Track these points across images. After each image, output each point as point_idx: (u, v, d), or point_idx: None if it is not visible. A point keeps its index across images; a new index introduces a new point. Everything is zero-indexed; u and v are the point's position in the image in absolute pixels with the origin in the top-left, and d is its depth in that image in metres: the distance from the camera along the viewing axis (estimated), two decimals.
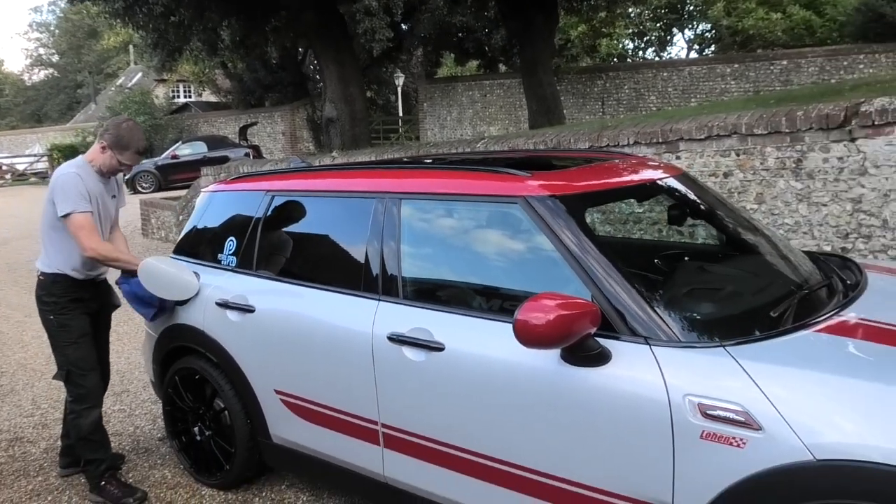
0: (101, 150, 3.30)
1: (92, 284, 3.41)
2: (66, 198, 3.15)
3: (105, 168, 3.33)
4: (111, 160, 3.30)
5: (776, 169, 4.83)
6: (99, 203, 3.32)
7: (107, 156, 3.30)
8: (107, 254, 3.25)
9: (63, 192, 3.16)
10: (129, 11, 11.54)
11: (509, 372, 2.30)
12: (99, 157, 3.32)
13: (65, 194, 3.15)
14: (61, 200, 3.15)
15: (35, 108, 52.18)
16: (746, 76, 16.96)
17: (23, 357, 5.71)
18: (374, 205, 2.83)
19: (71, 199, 3.14)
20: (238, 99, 27.61)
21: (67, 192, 3.15)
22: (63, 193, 3.16)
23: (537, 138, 6.22)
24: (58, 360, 3.36)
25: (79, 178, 3.21)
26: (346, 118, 12.15)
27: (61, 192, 3.16)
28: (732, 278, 2.64)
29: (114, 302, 3.59)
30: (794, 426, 1.81)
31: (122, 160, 3.30)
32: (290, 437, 3.08)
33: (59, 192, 3.16)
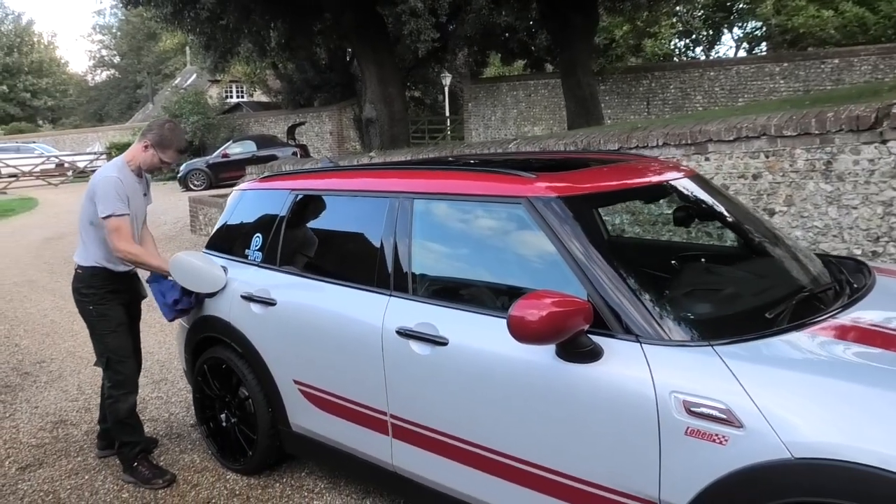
0: (143, 149, 3.51)
1: (126, 276, 3.61)
2: (107, 200, 3.35)
3: (145, 165, 3.54)
4: (153, 158, 3.50)
5: (805, 171, 4.78)
6: (134, 200, 3.51)
7: (149, 154, 3.50)
8: (136, 256, 3.44)
9: (104, 194, 3.36)
10: (178, 16, 11.96)
11: (507, 366, 2.38)
12: (140, 155, 3.52)
13: (106, 196, 3.35)
14: (102, 202, 3.35)
15: (97, 107, 54.12)
16: (796, 75, 16.57)
17: (72, 345, 6.01)
18: (389, 204, 2.94)
19: (111, 201, 3.34)
20: (287, 99, 28.15)
21: (108, 195, 3.35)
22: (104, 196, 3.36)
23: (568, 139, 6.26)
24: (97, 349, 3.57)
25: (119, 181, 3.41)
26: (385, 118, 12.33)
27: (103, 194, 3.37)
28: (734, 279, 2.67)
29: (142, 293, 3.79)
30: (773, 424, 1.85)
31: (163, 158, 3.51)
32: (307, 425, 3.22)
33: (101, 194, 3.37)
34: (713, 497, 1.96)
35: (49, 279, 8.91)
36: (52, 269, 9.56)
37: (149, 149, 3.50)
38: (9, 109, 45.24)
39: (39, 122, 48.08)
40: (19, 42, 46.85)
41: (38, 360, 5.66)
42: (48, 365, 5.52)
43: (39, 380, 5.18)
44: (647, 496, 2.09)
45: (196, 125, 25.73)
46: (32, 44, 48.51)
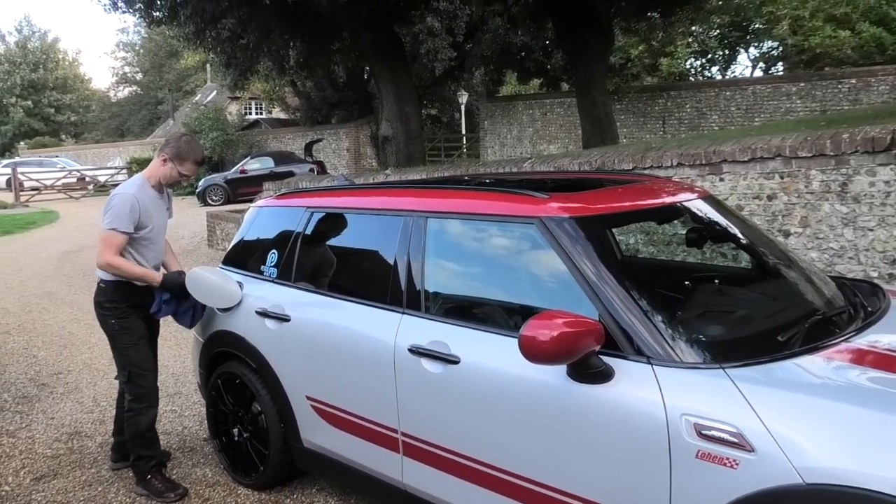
0: (161, 163, 3.57)
1: (147, 291, 3.65)
2: (115, 216, 3.41)
3: (165, 180, 3.59)
4: (171, 171, 3.56)
5: (821, 192, 4.76)
6: (155, 217, 3.56)
7: (167, 167, 3.56)
8: (119, 268, 3.43)
9: (115, 210, 3.42)
10: (200, 35, 12.17)
11: (518, 386, 2.39)
12: (160, 169, 3.58)
13: (115, 213, 3.42)
14: (109, 215, 3.43)
15: (119, 123, 54.90)
16: (813, 95, 16.51)
17: (89, 357, 6.07)
18: (403, 222, 2.97)
19: (119, 218, 3.40)
20: (306, 116, 28.44)
21: (117, 212, 3.41)
22: (116, 211, 3.42)
23: (583, 159, 6.28)
24: (119, 362, 3.60)
25: (136, 200, 3.46)
26: (402, 136, 12.42)
27: (113, 209, 3.43)
28: (747, 301, 2.66)
29: None
30: (785, 449, 1.85)
31: (181, 171, 3.56)
32: (319, 441, 3.23)
33: (111, 209, 3.44)
34: None
35: (68, 292, 9.02)
36: (71, 281, 9.68)
37: (167, 162, 3.56)
38: (33, 124, 45.97)
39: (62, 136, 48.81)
40: (45, 59, 47.70)
41: (55, 371, 5.72)
42: (65, 376, 5.57)
43: (56, 391, 5.23)
44: None
45: (215, 141, 26.04)
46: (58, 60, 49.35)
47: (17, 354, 6.25)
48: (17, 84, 45.50)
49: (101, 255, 3.42)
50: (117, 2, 11.73)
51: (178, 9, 11.13)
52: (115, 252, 3.41)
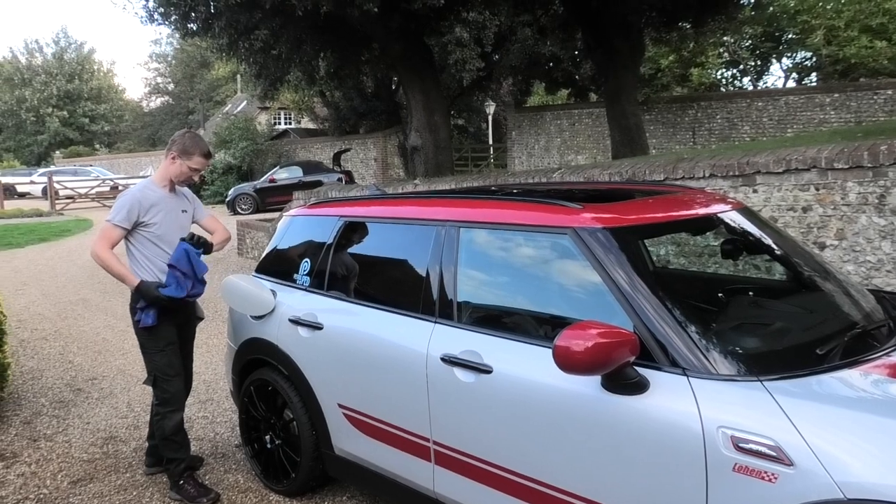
0: (170, 162, 3.66)
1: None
2: (116, 209, 3.56)
3: (176, 177, 3.67)
4: (181, 167, 3.65)
5: (858, 204, 4.69)
6: (164, 217, 3.62)
7: (176, 164, 3.65)
8: (104, 261, 3.50)
9: (118, 204, 3.59)
10: (233, 46, 12.36)
11: (551, 396, 2.39)
12: (170, 168, 3.67)
13: (115, 208, 3.58)
14: (112, 209, 3.58)
15: (150, 132, 55.92)
16: (847, 106, 16.25)
17: (122, 363, 6.17)
18: (436, 232, 2.98)
19: (118, 211, 3.54)
20: (334, 126, 28.69)
21: (120, 206, 3.56)
22: (117, 205, 3.59)
23: (613, 169, 6.25)
24: (146, 366, 3.67)
25: (135, 198, 3.57)
26: (430, 146, 12.47)
27: (117, 204, 3.60)
28: (783, 314, 2.63)
29: (198, 314, 3.89)
30: (825, 463, 1.82)
31: (191, 165, 3.65)
32: (350, 449, 3.25)
33: (116, 204, 3.60)
34: None
35: (102, 298, 9.18)
36: (104, 288, 9.85)
37: (175, 160, 3.65)
38: (68, 134, 47.03)
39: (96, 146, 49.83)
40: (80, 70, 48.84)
41: (90, 377, 5.83)
42: (100, 382, 5.67)
43: (91, 396, 5.33)
44: None
45: (245, 150, 26.38)
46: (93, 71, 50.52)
47: (54, 360, 6.38)
48: (54, 94, 46.63)
49: (94, 244, 3.54)
50: (153, 14, 11.95)
51: (212, 20, 11.32)
52: (108, 244, 3.51)
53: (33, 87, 46.34)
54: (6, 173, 34.38)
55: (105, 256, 3.50)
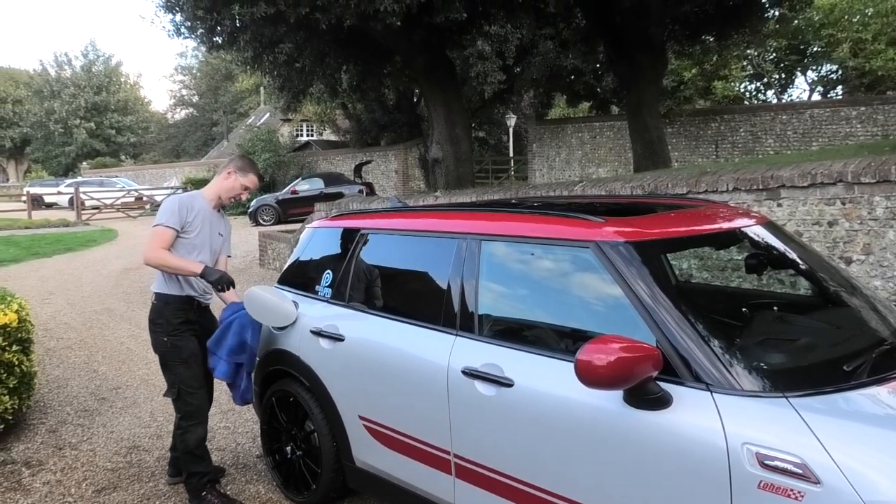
0: (226, 176, 3.76)
1: (199, 308, 3.75)
2: (163, 213, 3.60)
3: (226, 192, 3.76)
4: (235, 182, 3.75)
5: (885, 219, 4.63)
6: (203, 228, 3.67)
7: (231, 179, 3.75)
8: (160, 259, 3.53)
9: (162, 208, 3.64)
10: (258, 59, 12.55)
11: (573, 410, 2.37)
12: (223, 184, 3.76)
13: (162, 210, 3.63)
14: (158, 215, 3.62)
15: (175, 144, 56.72)
16: (874, 119, 16.06)
17: (146, 373, 6.23)
18: (457, 245, 2.99)
19: (165, 215, 3.58)
20: (355, 138, 28.90)
21: (165, 210, 3.61)
22: (163, 208, 3.64)
23: (635, 182, 6.23)
24: (168, 379, 3.69)
25: (182, 202, 3.64)
26: (451, 159, 12.52)
27: (161, 208, 3.65)
28: (809, 329, 2.60)
29: (215, 327, 3.91)
30: (853, 481, 1.79)
31: (244, 183, 3.76)
32: (371, 461, 3.25)
33: (160, 209, 3.65)
34: None
35: (126, 308, 9.30)
36: (129, 298, 9.97)
37: (231, 174, 3.75)
38: (95, 145, 47.78)
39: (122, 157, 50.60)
40: (108, 82, 49.66)
41: (114, 386, 5.89)
42: (123, 391, 5.73)
43: (115, 405, 5.38)
44: None
45: (267, 162, 26.63)
46: (120, 84, 51.34)
47: (79, 368, 6.46)
48: (82, 106, 47.43)
49: (145, 250, 3.57)
50: (180, 27, 12.17)
51: (237, 34, 11.49)
52: (161, 246, 3.54)
53: (62, 99, 47.20)
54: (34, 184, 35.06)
55: (159, 255, 3.53)
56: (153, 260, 3.55)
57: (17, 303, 4.85)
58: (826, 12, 19.25)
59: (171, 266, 3.56)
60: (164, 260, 3.54)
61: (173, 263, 3.55)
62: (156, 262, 3.55)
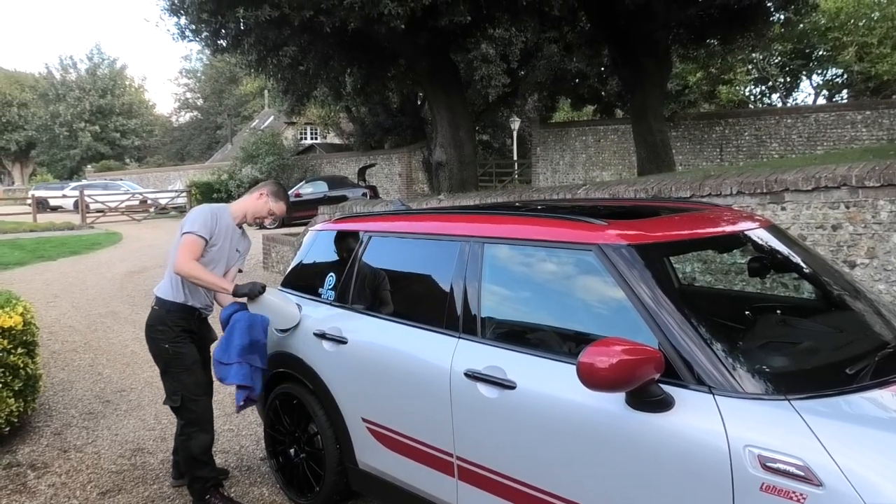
0: (258, 197, 3.78)
1: (199, 319, 3.75)
2: (193, 221, 3.56)
3: (253, 213, 3.77)
4: (265, 206, 3.76)
5: (889, 223, 4.62)
6: (223, 243, 3.66)
7: (262, 201, 3.76)
8: (193, 272, 3.48)
9: (193, 216, 3.60)
10: (262, 62, 12.60)
11: (575, 413, 2.38)
12: (253, 203, 3.77)
13: (193, 219, 3.58)
14: (188, 222, 3.57)
15: (179, 147, 56.86)
16: (880, 123, 16.03)
17: (150, 376, 6.24)
18: (460, 248, 3.00)
19: (196, 223, 3.54)
20: (359, 141, 28.95)
21: (196, 218, 3.58)
22: (192, 217, 3.59)
23: (638, 186, 6.23)
24: (170, 387, 3.63)
25: (212, 210, 3.64)
26: (455, 162, 12.54)
27: (191, 217, 3.61)
28: (812, 333, 2.60)
29: (212, 337, 3.92)
30: (855, 484, 1.79)
31: (273, 208, 3.78)
32: (374, 463, 3.26)
33: (189, 217, 3.61)
34: None
35: (131, 311, 9.32)
36: (133, 301, 10.00)
37: (263, 197, 3.76)
38: (100, 148, 47.94)
39: (127, 160, 50.77)
40: (113, 85, 49.83)
41: (118, 388, 5.91)
42: (128, 394, 5.75)
43: (120, 408, 5.40)
44: None
45: (271, 165, 26.70)
46: (124, 87, 51.51)
47: (84, 371, 6.48)
48: (87, 110, 47.59)
49: (179, 259, 3.48)
50: (184, 30, 12.21)
51: (242, 37, 11.54)
52: (193, 256, 3.49)
53: (67, 103, 47.37)
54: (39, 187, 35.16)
55: (192, 267, 3.48)
56: (186, 271, 3.48)
57: (22, 305, 4.87)
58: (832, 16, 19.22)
59: (203, 281, 3.52)
60: (198, 273, 3.49)
61: (206, 279, 3.52)
62: (188, 273, 3.48)
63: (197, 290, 3.64)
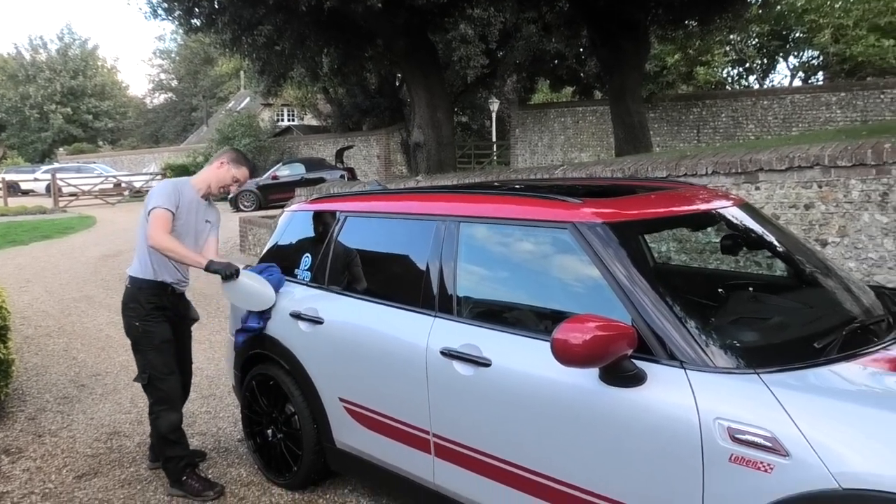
0: (218, 166, 3.73)
1: (174, 294, 3.72)
2: (157, 196, 3.53)
3: (217, 182, 3.72)
4: (227, 173, 3.72)
5: (860, 202, 4.69)
6: (188, 217, 3.62)
7: (223, 169, 3.72)
8: (169, 246, 3.44)
9: (156, 193, 3.57)
10: (237, 42, 12.41)
11: (550, 389, 2.40)
12: (214, 173, 3.72)
13: (156, 194, 3.56)
14: (151, 198, 3.54)
15: (154, 129, 56.02)
16: (854, 105, 16.21)
17: (126, 360, 6.19)
18: (436, 227, 3.00)
19: (161, 197, 3.52)
20: (337, 123, 28.73)
21: (159, 193, 3.55)
22: (155, 193, 3.57)
23: (615, 166, 6.26)
24: (140, 364, 3.65)
25: (174, 184, 3.61)
26: (433, 143, 12.50)
27: (154, 192, 3.58)
28: (782, 308, 2.64)
29: (192, 316, 3.89)
30: (820, 454, 1.83)
31: (235, 174, 3.73)
32: (351, 442, 3.27)
33: (153, 193, 3.59)
34: None
35: (105, 295, 9.22)
36: (108, 285, 9.89)
37: (224, 165, 3.72)
38: (72, 130, 47.10)
39: (100, 142, 49.92)
40: (84, 66, 48.88)
41: (93, 372, 5.85)
42: (103, 378, 5.70)
43: (95, 392, 5.35)
44: None
45: (248, 147, 26.42)
46: (97, 68, 50.56)
47: (58, 356, 6.41)
48: (58, 91, 46.68)
49: (152, 234, 3.45)
50: (157, 8, 12.00)
51: (215, 16, 11.35)
52: (165, 230, 3.46)
53: (37, 84, 46.41)
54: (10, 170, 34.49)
55: (167, 242, 3.43)
56: (162, 245, 3.44)
57: None
58: None
59: (178, 254, 3.49)
60: (172, 247, 3.45)
61: (180, 252, 3.48)
62: (164, 246, 3.45)
63: (167, 265, 3.60)
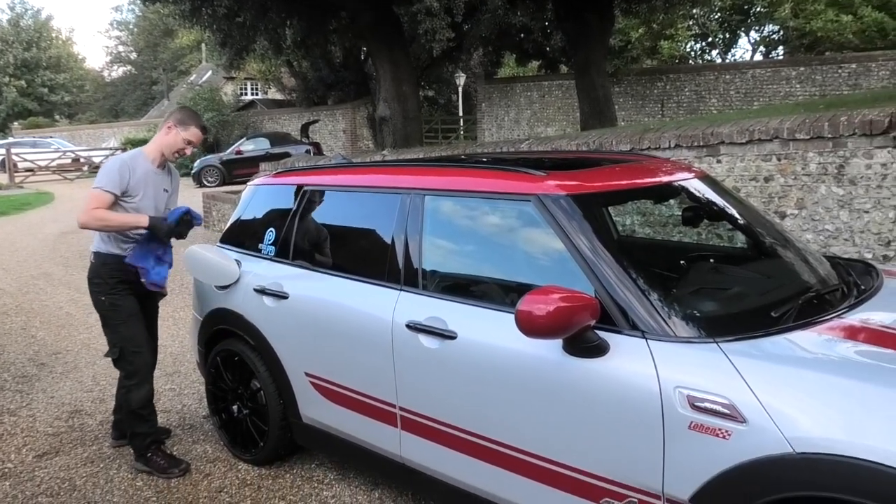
0: (166, 132, 3.59)
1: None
2: (102, 176, 3.44)
3: (169, 148, 3.59)
4: (176, 137, 3.57)
5: (818, 174, 4.79)
6: (146, 190, 3.53)
7: (172, 134, 3.58)
8: (99, 219, 3.35)
9: (103, 171, 3.49)
10: (196, 13, 12.11)
11: (515, 360, 2.42)
12: (164, 139, 3.59)
13: (102, 173, 3.47)
14: (97, 177, 3.46)
15: (113, 103, 54.60)
16: (813, 79, 16.49)
17: (87, 337, 6.10)
18: (401, 200, 2.98)
19: (104, 178, 3.42)
20: (302, 97, 28.31)
21: (107, 171, 3.46)
22: (103, 171, 3.48)
23: (580, 140, 6.29)
24: (110, 339, 3.62)
25: (125, 164, 3.48)
26: (399, 117, 12.40)
27: (101, 172, 3.49)
28: (741, 279, 2.69)
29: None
30: (776, 419, 1.88)
31: (186, 136, 3.58)
32: (318, 417, 3.27)
33: (100, 172, 3.49)
34: (716, 490, 1.99)
35: (64, 272, 9.03)
36: (67, 262, 9.68)
37: (172, 129, 3.57)
38: (27, 104, 45.62)
39: (56, 117, 48.48)
40: (38, 37, 47.22)
41: (53, 351, 5.75)
42: (64, 356, 5.60)
43: (55, 371, 5.26)
44: (651, 489, 2.13)
45: (211, 122, 25.87)
46: (51, 39, 48.88)
47: (16, 335, 6.28)
48: (10, 63, 45.07)
49: (79, 215, 3.37)
50: None
51: None
52: (96, 207, 3.36)
53: None
54: None
55: (95, 215, 3.34)
56: (91, 222, 3.36)
57: None
58: None
59: (113, 223, 3.41)
60: (104, 218, 3.36)
61: (115, 220, 3.40)
62: (95, 223, 3.36)
63: (122, 238, 3.52)
